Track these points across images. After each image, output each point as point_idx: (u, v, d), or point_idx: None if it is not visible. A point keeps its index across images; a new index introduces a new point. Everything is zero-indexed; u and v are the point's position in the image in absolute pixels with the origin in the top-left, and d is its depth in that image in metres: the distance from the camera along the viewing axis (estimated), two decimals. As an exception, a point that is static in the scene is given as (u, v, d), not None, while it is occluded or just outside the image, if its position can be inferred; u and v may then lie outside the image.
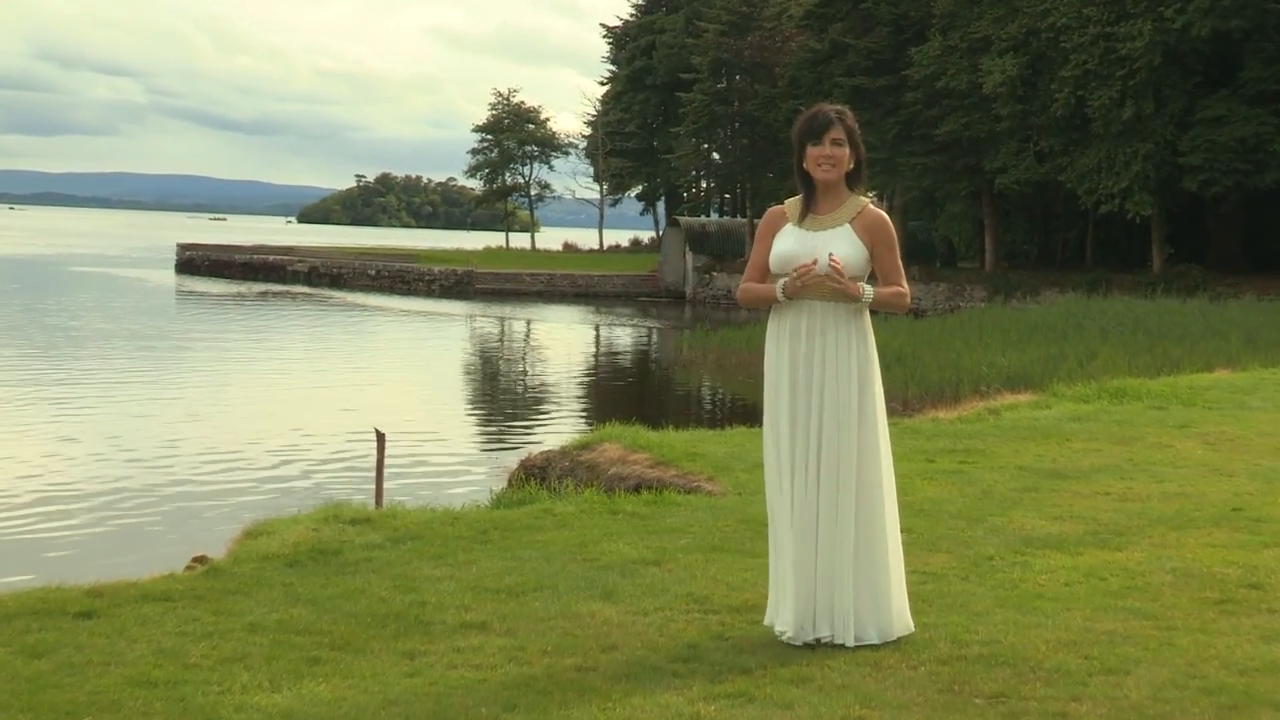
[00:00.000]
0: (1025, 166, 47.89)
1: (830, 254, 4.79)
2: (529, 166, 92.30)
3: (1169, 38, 42.74)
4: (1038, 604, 5.43)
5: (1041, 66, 47.23)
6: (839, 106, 5.04)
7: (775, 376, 4.95)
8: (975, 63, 48.67)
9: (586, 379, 30.43)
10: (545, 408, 24.40)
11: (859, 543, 4.87)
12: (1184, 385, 14.01)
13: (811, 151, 4.92)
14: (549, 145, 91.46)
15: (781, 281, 4.87)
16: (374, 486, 10.75)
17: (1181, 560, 6.25)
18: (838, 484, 4.85)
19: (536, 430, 21.06)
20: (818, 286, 4.86)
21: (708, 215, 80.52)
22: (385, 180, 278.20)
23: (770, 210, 5.14)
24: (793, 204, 5.04)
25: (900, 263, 5.04)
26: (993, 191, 51.72)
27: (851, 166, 4.95)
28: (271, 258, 70.26)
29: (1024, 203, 57.93)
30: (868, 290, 4.88)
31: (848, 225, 4.91)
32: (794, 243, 4.90)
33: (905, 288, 5.03)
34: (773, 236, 5.01)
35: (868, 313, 5.00)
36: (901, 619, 4.92)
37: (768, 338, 5.02)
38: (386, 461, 11.03)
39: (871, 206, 4.97)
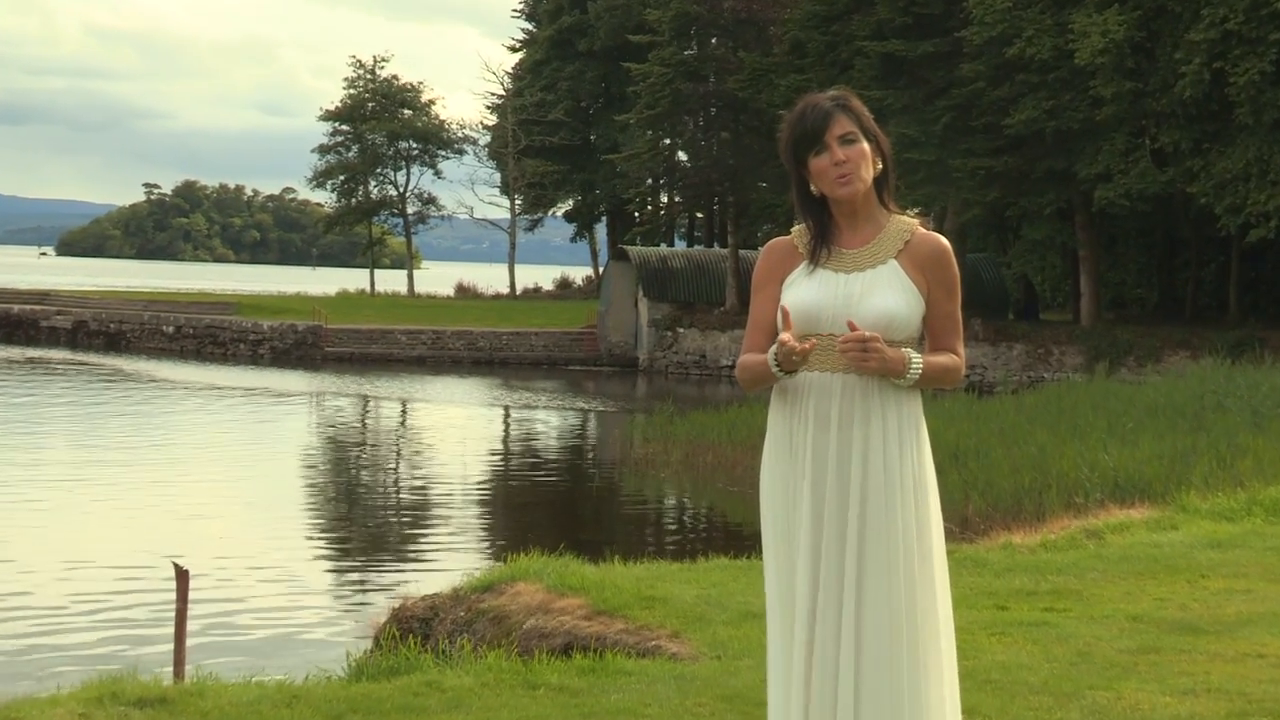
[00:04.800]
0: (1138, 173, 48.41)
1: (874, 334, 4.67)
2: (405, 172, 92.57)
3: (1344, -15, 43.50)
4: (1160, 818, 5.47)
5: (1160, 26, 47.91)
6: (833, 91, 4.99)
7: (786, 485, 4.87)
8: (1063, 20, 49.34)
9: (491, 488, 30.32)
10: (430, 531, 24.30)
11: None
12: (1373, 495, 14.16)
13: (817, 164, 4.86)
14: (435, 140, 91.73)
15: (772, 349, 4.78)
16: (172, 648, 10.66)
17: (1370, 752, 6.32)
18: (891, 649, 4.70)
19: (416, 564, 20.92)
20: (824, 355, 4.78)
21: (670, 244, 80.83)
22: (190, 192, 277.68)
23: (772, 244, 5.07)
24: (804, 233, 4.98)
25: (960, 316, 4.98)
26: (1090, 209, 52.25)
27: (879, 167, 4.92)
28: (16, 308, 69.78)
29: (1137, 226, 58.54)
30: (915, 361, 4.78)
31: (894, 262, 4.86)
32: (819, 291, 4.84)
33: (961, 354, 4.96)
34: (781, 282, 4.95)
35: (919, 396, 4.93)
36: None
37: (771, 426, 4.96)
38: (192, 611, 10.95)
39: (923, 230, 4.93)
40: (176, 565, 10.88)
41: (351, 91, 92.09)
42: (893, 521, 4.77)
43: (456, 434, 39.65)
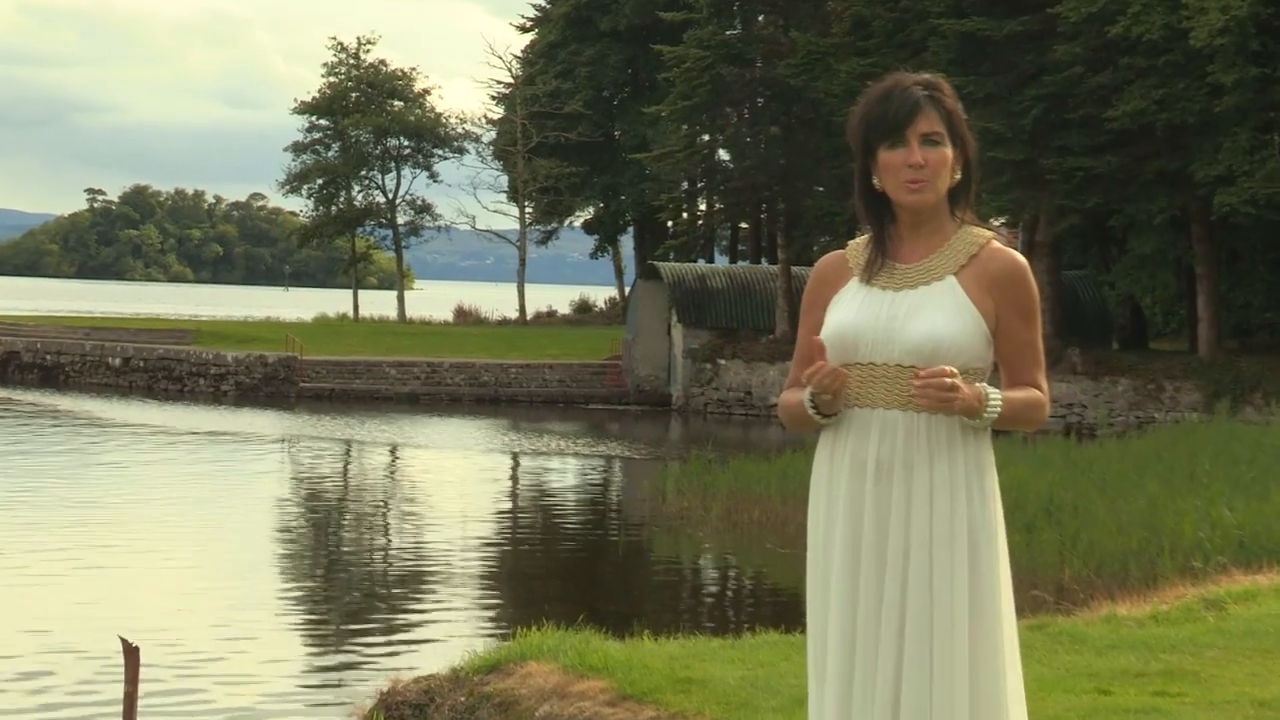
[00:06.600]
0: (1265, 174, 48.25)
1: (951, 369, 4.71)
2: (395, 175, 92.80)
3: None
4: None
5: (1291, 0, 47.85)
6: (926, 76, 5.04)
7: (826, 541, 4.92)
8: (1176, -6, 49.31)
9: (497, 550, 30.34)
10: (425, 601, 24.32)
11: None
12: None
13: (888, 158, 4.91)
14: (430, 137, 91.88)
15: (808, 390, 4.85)
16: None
17: None
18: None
19: (409, 639, 20.95)
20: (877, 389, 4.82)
21: (710, 260, 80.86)
22: (140, 199, 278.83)
23: (823, 260, 5.17)
24: (860, 247, 5.06)
25: (1041, 345, 5.01)
26: (1209, 218, 52.12)
27: (958, 178, 4.99)
28: (-64, 336, 69.97)
29: (1265, 237, 58.35)
30: (993, 399, 4.82)
31: (952, 279, 4.92)
32: (860, 312, 4.91)
33: (1045, 388, 4.99)
34: (827, 305, 5.03)
35: (988, 436, 4.94)
36: None
37: (814, 474, 5.02)
38: (144, 695, 10.99)
39: (997, 244, 4.97)
40: (125, 641, 10.92)
41: (331, 79, 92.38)
42: (940, 590, 4.75)
43: (456, 486, 39.69)
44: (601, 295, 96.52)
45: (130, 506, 33.81)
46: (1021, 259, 4.97)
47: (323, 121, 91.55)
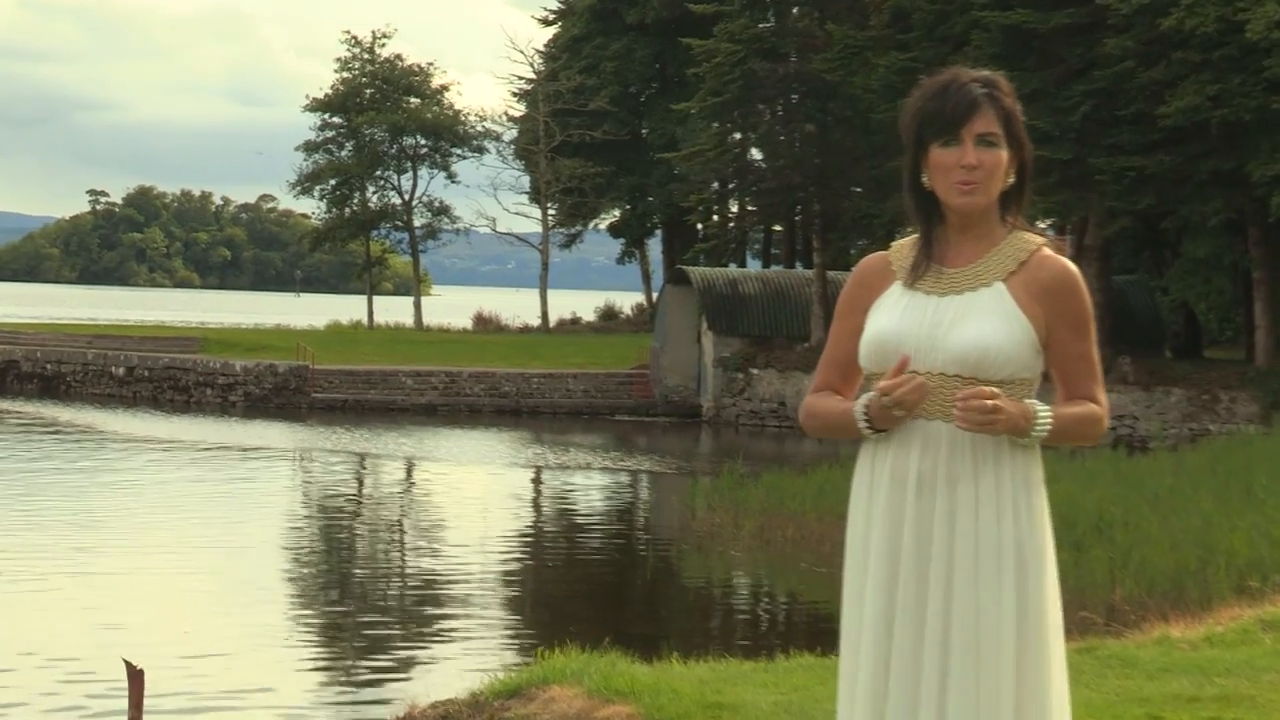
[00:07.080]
0: (1326, 174, 48.21)
1: (993, 390, 4.66)
2: (411, 175, 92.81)
3: None
4: None
5: (1352, -9, 47.72)
6: (985, 73, 5.06)
7: (863, 557, 4.92)
8: (1231, -15, 49.21)
9: (519, 568, 30.35)
10: (442, 622, 24.34)
11: None
12: None
13: (940, 157, 4.90)
14: (448, 136, 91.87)
15: (865, 398, 4.83)
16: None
17: None
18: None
19: (425, 663, 20.97)
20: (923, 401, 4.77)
21: (741, 264, 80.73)
22: (144, 201, 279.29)
23: (863, 263, 5.15)
24: (904, 249, 5.04)
25: (1096, 356, 4.97)
26: (1267, 219, 52.00)
27: (1012, 180, 4.97)
28: (-68, 344, 70.12)
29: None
30: (1041, 416, 4.79)
31: (1000, 285, 4.89)
32: (904, 318, 4.88)
33: (1103, 402, 4.94)
34: (866, 310, 5.00)
35: (1037, 450, 4.92)
36: None
37: (854, 487, 5.01)
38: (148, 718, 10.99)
39: (1048, 251, 4.95)
40: (129, 664, 10.92)
41: (345, 75, 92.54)
42: (987, 607, 4.72)
43: (475, 502, 39.70)
44: (628, 301, 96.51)
45: (136, 525, 33.85)
46: (1073, 267, 4.93)
47: (336, 119, 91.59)
